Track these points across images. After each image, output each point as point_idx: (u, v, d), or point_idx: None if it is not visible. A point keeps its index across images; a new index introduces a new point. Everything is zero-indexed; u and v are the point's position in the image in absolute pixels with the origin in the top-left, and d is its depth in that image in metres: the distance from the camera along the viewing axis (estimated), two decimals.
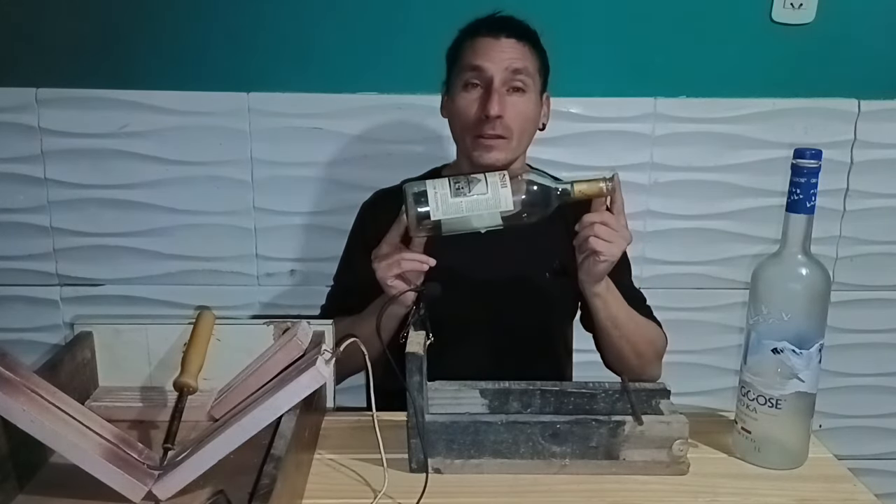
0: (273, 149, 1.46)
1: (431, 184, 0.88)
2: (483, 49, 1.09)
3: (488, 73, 1.08)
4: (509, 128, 1.08)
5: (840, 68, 1.47)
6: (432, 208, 0.87)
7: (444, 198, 0.87)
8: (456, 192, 0.87)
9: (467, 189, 0.87)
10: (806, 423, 0.87)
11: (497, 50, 1.09)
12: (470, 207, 0.87)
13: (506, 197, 0.87)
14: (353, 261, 1.24)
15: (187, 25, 1.41)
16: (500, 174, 0.89)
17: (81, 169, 1.46)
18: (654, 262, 1.54)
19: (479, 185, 0.88)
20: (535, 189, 0.89)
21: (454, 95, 1.12)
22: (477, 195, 0.87)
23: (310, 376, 0.76)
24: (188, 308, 1.48)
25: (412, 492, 0.79)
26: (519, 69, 1.08)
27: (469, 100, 1.10)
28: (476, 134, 1.09)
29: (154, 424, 0.89)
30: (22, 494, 0.75)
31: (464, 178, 0.89)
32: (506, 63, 1.08)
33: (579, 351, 1.26)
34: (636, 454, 0.84)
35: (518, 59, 1.09)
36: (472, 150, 1.10)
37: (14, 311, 1.53)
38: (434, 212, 0.87)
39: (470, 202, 0.87)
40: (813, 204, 0.81)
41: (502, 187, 0.87)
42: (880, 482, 1.48)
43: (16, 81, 1.43)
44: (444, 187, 0.88)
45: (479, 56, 1.09)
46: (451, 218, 0.87)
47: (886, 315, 1.59)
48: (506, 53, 1.08)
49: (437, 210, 0.87)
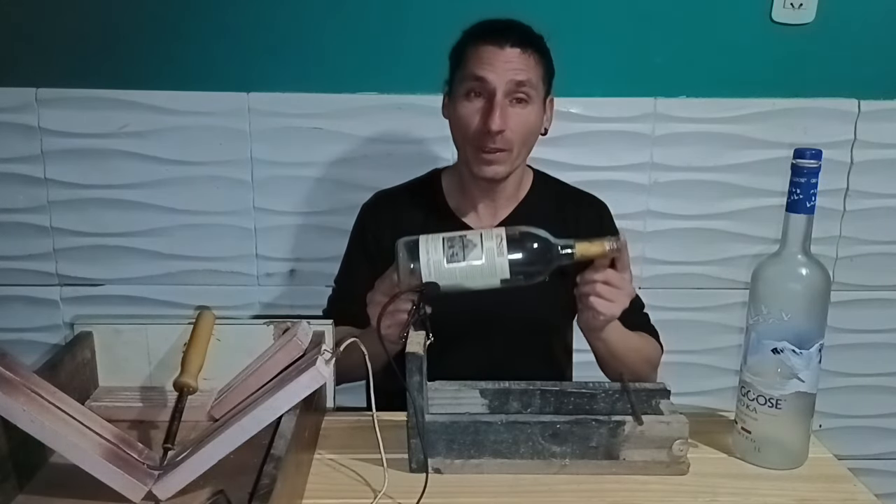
0: (273, 149, 1.46)
1: (425, 247, 0.83)
2: (487, 58, 1.07)
3: (491, 85, 1.06)
4: (510, 140, 1.07)
5: (840, 68, 1.47)
6: (424, 274, 0.83)
7: (438, 265, 0.83)
8: (450, 258, 0.83)
9: (461, 255, 0.83)
10: (806, 423, 0.87)
11: (501, 60, 1.06)
12: (464, 275, 0.83)
13: (502, 265, 0.83)
14: (353, 264, 1.24)
15: (187, 25, 1.41)
16: (498, 238, 0.84)
17: (81, 169, 1.46)
18: (654, 262, 1.54)
19: (474, 251, 0.83)
20: (534, 248, 0.84)
21: (456, 101, 1.10)
22: (472, 261, 0.83)
23: (310, 376, 0.76)
24: (188, 308, 1.48)
25: (412, 492, 0.79)
26: (522, 81, 1.06)
27: (471, 109, 1.08)
28: (477, 146, 1.08)
29: (154, 424, 0.89)
30: (22, 494, 0.75)
31: (458, 241, 0.84)
32: (509, 75, 1.06)
33: (579, 351, 1.25)
34: (636, 454, 0.84)
35: (522, 71, 1.07)
36: (473, 163, 1.10)
37: (14, 311, 1.53)
38: (426, 277, 0.83)
39: (464, 270, 0.83)
40: (813, 204, 0.81)
41: (499, 255, 0.83)
42: (880, 482, 1.49)
43: (16, 81, 1.43)
44: (437, 251, 0.83)
45: (483, 66, 1.06)
46: (445, 284, 0.83)
47: (886, 315, 1.59)
48: (510, 64, 1.06)
49: (430, 276, 0.83)
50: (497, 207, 1.18)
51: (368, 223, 1.22)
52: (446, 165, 1.26)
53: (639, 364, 1.12)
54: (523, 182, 1.20)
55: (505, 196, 1.18)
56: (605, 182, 1.45)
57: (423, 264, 0.83)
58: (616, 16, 1.43)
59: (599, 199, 1.25)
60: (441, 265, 0.83)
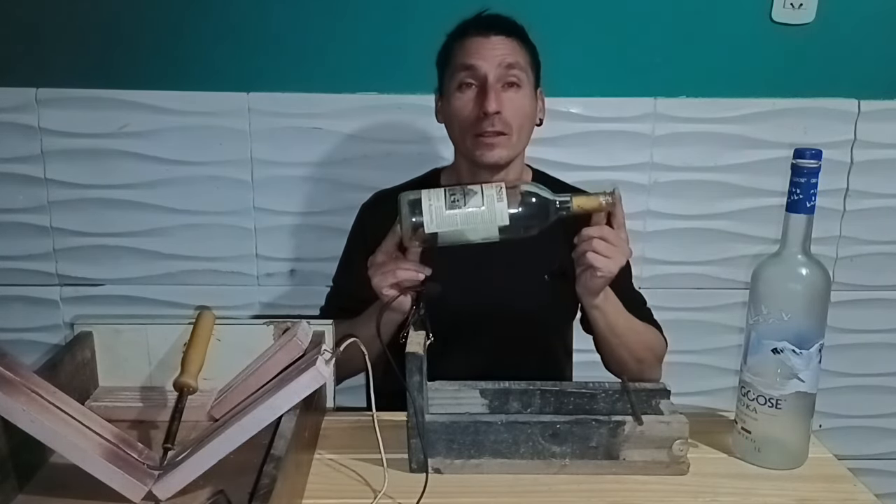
0: (273, 149, 1.46)
1: (427, 195, 0.86)
2: (474, 48, 1.09)
3: (482, 71, 1.08)
4: (508, 123, 1.08)
5: (840, 68, 1.47)
6: (426, 220, 0.85)
7: (439, 210, 0.85)
8: (451, 205, 0.85)
9: (462, 202, 0.85)
10: (806, 423, 0.87)
11: (488, 47, 1.08)
12: (465, 220, 0.85)
13: (501, 211, 0.85)
14: (351, 263, 1.24)
15: (187, 25, 1.41)
16: (497, 186, 0.86)
17: (81, 169, 1.46)
18: (654, 262, 1.53)
19: (475, 198, 0.85)
20: (532, 202, 0.87)
21: (449, 97, 1.11)
22: (472, 208, 0.85)
23: (310, 376, 0.76)
24: (188, 308, 1.48)
25: (412, 492, 0.79)
26: (512, 64, 1.08)
27: (465, 100, 1.09)
28: (476, 133, 1.09)
29: (154, 424, 0.89)
30: (22, 494, 0.75)
31: (460, 189, 0.86)
32: (498, 59, 1.08)
33: (579, 351, 1.26)
34: (636, 454, 0.84)
35: (510, 54, 1.09)
36: (474, 150, 1.10)
37: (14, 311, 1.53)
38: (428, 224, 0.85)
39: (465, 215, 0.85)
40: (813, 204, 0.81)
41: (498, 201, 0.85)
42: (880, 482, 1.49)
43: (16, 81, 1.43)
44: (439, 199, 0.85)
45: (471, 55, 1.09)
46: (446, 231, 0.85)
47: (886, 315, 1.59)
48: (497, 50, 1.08)
49: (432, 223, 0.85)
50: None
51: (368, 221, 1.23)
52: (445, 165, 1.26)
53: (641, 351, 1.11)
54: (522, 180, 1.20)
55: None
56: (605, 182, 1.45)
57: (426, 210, 0.85)
58: (616, 16, 1.43)
59: None
60: (442, 210, 0.85)
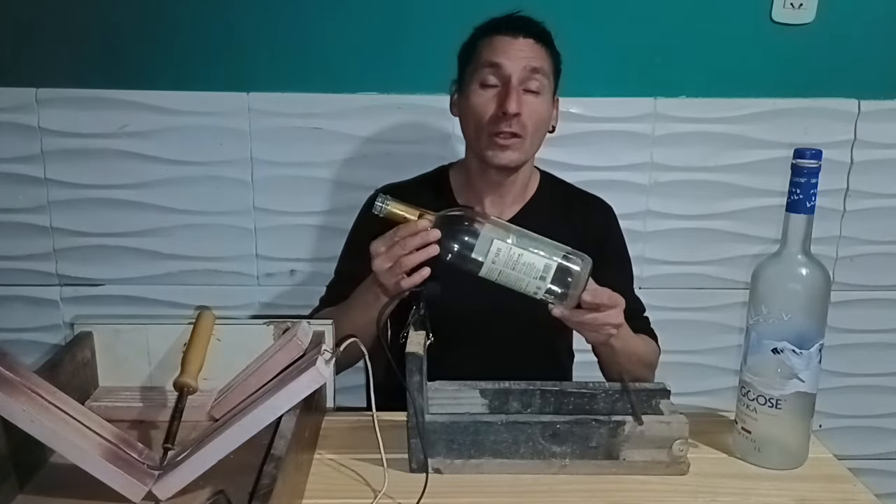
0: (273, 149, 1.46)
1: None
2: (501, 47, 1.09)
3: (506, 71, 1.08)
4: (525, 126, 1.08)
5: (840, 68, 1.47)
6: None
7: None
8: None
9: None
10: (806, 423, 0.87)
11: (515, 48, 1.09)
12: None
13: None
14: (355, 249, 1.22)
15: (187, 25, 1.41)
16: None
17: (81, 169, 1.46)
18: (654, 262, 1.53)
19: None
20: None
21: (469, 93, 1.11)
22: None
23: (310, 376, 0.76)
24: (188, 308, 1.48)
25: (412, 492, 0.79)
26: (536, 68, 1.09)
27: (485, 98, 1.09)
28: (491, 132, 1.09)
29: (154, 424, 0.89)
30: (22, 494, 0.75)
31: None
32: (524, 62, 1.08)
33: (579, 351, 1.25)
34: (636, 454, 0.84)
35: (535, 59, 1.09)
36: (487, 149, 1.10)
37: (14, 311, 1.53)
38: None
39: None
40: (813, 204, 0.81)
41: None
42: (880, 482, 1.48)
43: (16, 81, 1.43)
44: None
45: (498, 54, 1.09)
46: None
47: (886, 315, 1.59)
48: (524, 52, 1.09)
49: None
50: (504, 205, 1.18)
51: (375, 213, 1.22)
52: (452, 162, 1.26)
53: (639, 368, 1.13)
54: (531, 182, 1.21)
55: (513, 194, 1.18)
56: (605, 182, 1.45)
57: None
58: (616, 16, 1.43)
59: (606, 202, 1.26)
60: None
